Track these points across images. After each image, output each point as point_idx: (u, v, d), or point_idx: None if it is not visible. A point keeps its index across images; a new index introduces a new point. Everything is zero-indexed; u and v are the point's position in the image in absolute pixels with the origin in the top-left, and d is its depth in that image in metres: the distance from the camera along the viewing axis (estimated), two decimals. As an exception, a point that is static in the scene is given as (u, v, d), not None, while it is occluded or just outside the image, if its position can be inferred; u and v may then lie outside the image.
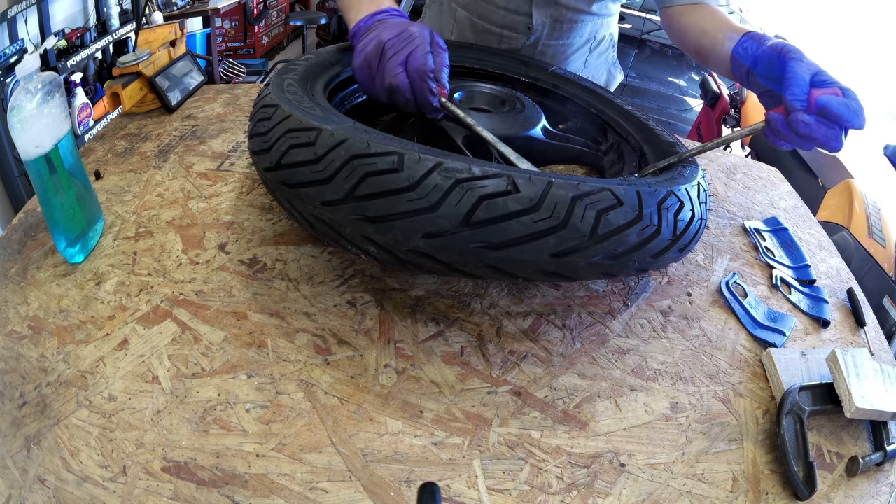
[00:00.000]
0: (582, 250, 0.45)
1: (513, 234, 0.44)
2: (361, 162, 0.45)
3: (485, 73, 0.84)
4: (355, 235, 0.47)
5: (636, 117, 0.76)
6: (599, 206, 0.45)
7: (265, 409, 0.46)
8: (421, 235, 0.45)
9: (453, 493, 0.42)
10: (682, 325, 0.60)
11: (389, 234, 0.45)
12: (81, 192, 0.57)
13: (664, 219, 0.49)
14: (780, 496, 0.45)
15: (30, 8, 1.76)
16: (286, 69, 0.63)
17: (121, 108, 0.81)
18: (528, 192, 0.44)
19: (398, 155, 0.45)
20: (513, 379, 0.51)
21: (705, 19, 0.74)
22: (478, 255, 0.45)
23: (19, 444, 0.42)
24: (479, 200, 0.44)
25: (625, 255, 0.47)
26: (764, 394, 0.54)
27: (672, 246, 0.50)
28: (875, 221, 1.75)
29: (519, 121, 0.66)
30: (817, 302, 0.66)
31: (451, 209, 0.44)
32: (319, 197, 0.47)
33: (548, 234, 0.44)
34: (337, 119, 0.51)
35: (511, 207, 0.44)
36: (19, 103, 0.49)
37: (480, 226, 0.44)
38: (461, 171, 0.44)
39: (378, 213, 0.45)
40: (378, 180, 0.45)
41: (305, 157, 0.48)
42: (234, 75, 3.19)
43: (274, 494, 0.40)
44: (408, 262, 0.47)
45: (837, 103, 0.49)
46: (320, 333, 0.52)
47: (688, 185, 0.54)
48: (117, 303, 0.53)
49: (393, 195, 0.44)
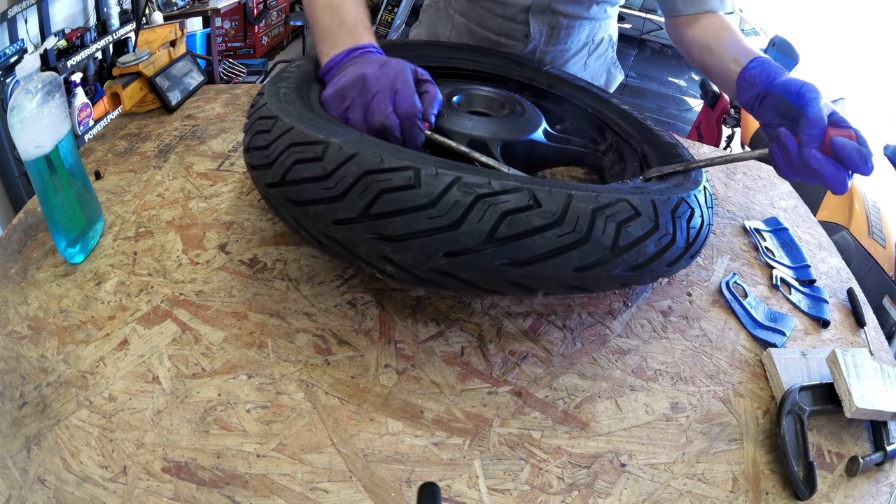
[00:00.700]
0: (604, 263, 0.45)
1: (537, 251, 0.43)
2: (376, 178, 0.43)
3: (479, 73, 0.83)
4: (371, 255, 0.45)
5: (634, 117, 0.76)
6: (619, 218, 0.45)
7: (265, 410, 0.46)
8: (442, 254, 0.43)
9: (454, 494, 0.42)
10: (683, 326, 0.60)
11: (409, 254, 0.44)
12: (81, 192, 0.57)
13: (678, 227, 0.49)
14: (780, 496, 0.45)
15: (30, 8, 1.76)
16: (279, 77, 0.60)
17: (121, 108, 0.81)
18: (550, 207, 0.43)
19: (414, 170, 0.43)
20: (513, 379, 0.51)
21: (710, 35, 0.73)
22: (501, 273, 0.44)
23: (19, 445, 0.42)
24: (501, 216, 0.42)
25: (644, 266, 0.47)
26: (764, 394, 0.54)
27: (685, 253, 0.50)
28: (875, 221, 1.75)
29: (521, 125, 0.65)
30: (817, 302, 0.66)
31: (473, 226, 0.42)
32: (331, 215, 0.45)
33: (571, 248, 0.43)
34: (342, 130, 0.49)
35: (534, 223, 0.43)
36: (19, 103, 0.49)
37: (504, 242, 0.43)
38: (481, 185, 0.43)
39: (396, 232, 0.43)
40: (395, 197, 0.43)
41: (313, 173, 0.45)
42: (234, 75, 3.19)
43: (274, 495, 0.40)
44: (428, 281, 0.46)
45: (851, 147, 0.50)
46: (321, 333, 0.52)
47: (696, 190, 0.54)
48: (117, 303, 0.53)
49: (411, 213, 0.42)
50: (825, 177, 0.51)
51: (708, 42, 0.73)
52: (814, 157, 0.52)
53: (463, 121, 0.62)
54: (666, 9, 0.81)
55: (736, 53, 0.68)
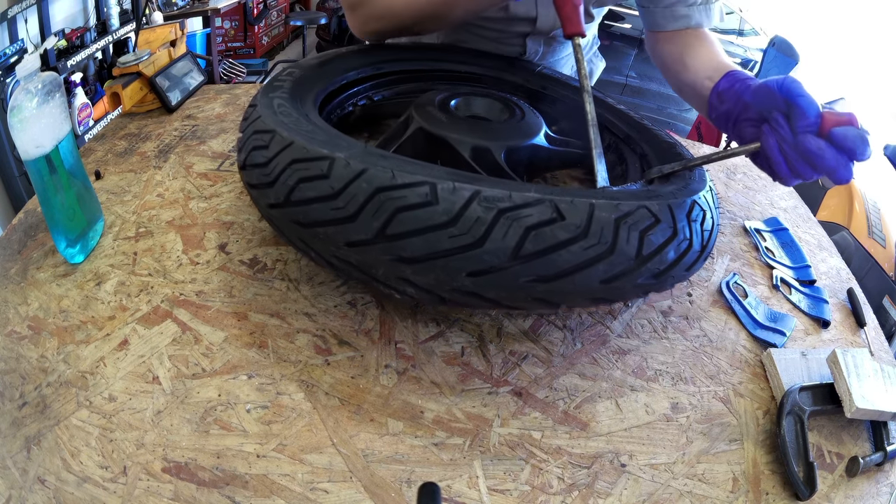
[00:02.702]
0: (629, 273, 0.44)
1: (563, 265, 0.41)
2: (389, 196, 0.41)
3: (471, 76, 0.81)
4: (390, 277, 0.43)
5: (630, 116, 0.75)
6: (640, 227, 0.44)
7: (266, 410, 0.46)
8: (466, 274, 0.41)
9: (454, 494, 0.42)
10: (683, 326, 0.60)
11: (431, 275, 0.41)
12: (81, 192, 0.57)
13: (694, 231, 0.48)
14: (780, 496, 0.45)
15: (30, 8, 1.76)
16: (271, 86, 0.58)
17: (121, 108, 0.81)
18: (574, 219, 0.41)
19: (430, 185, 0.41)
20: (513, 379, 0.51)
21: (686, 51, 0.70)
22: (527, 290, 0.42)
23: (19, 445, 0.42)
24: (526, 231, 0.40)
25: (665, 273, 0.46)
26: (764, 394, 0.54)
27: (700, 256, 0.50)
28: (875, 221, 1.75)
29: (522, 129, 0.64)
30: (817, 302, 0.66)
31: (497, 244, 0.40)
32: (343, 237, 0.42)
33: (597, 261, 0.42)
34: (345, 143, 0.46)
35: (560, 236, 0.41)
36: (19, 103, 0.49)
37: (530, 259, 0.41)
38: (502, 199, 0.40)
39: (416, 254, 0.41)
40: (412, 216, 0.40)
41: (320, 192, 0.43)
42: (234, 75, 3.19)
43: (274, 495, 0.40)
44: (451, 300, 0.44)
45: (853, 135, 0.46)
46: (321, 334, 0.52)
47: (703, 191, 0.53)
48: (117, 303, 0.53)
49: (431, 232, 0.40)
50: (827, 162, 0.46)
51: (684, 59, 0.71)
52: (812, 142, 0.47)
53: (463, 127, 0.61)
54: (648, 24, 0.78)
55: (712, 71, 0.64)
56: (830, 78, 2.49)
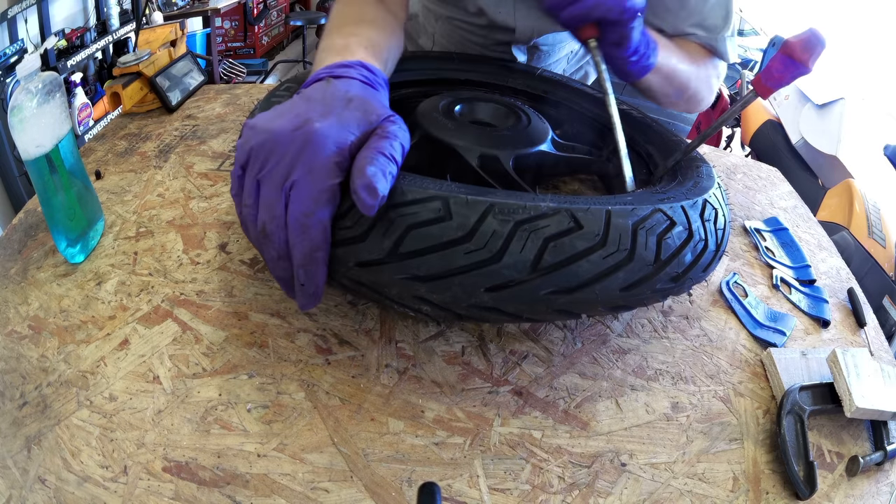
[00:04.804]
0: (648, 279, 0.43)
1: (584, 276, 0.40)
2: (400, 213, 0.39)
3: (472, 82, 0.80)
4: (404, 296, 0.42)
5: (633, 116, 0.75)
6: (657, 231, 0.43)
7: (266, 409, 0.46)
8: (484, 289, 0.40)
9: (455, 493, 0.42)
10: (683, 325, 0.60)
11: (448, 293, 0.40)
12: (82, 192, 0.57)
13: (708, 231, 0.48)
14: (780, 496, 0.45)
15: (30, 8, 1.76)
16: (268, 102, 0.56)
17: (121, 108, 0.81)
18: (591, 227, 0.40)
19: (442, 199, 0.39)
20: (514, 379, 0.51)
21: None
22: (548, 302, 0.41)
23: (20, 444, 0.42)
24: (544, 243, 0.39)
25: (683, 276, 0.46)
26: (764, 394, 0.54)
27: (716, 256, 0.49)
28: (875, 221, 1.75)
29: (529, 135, 0.62)
30: (817, 302, 0.66)
31: (515, 257, 0.39)
32: (353, 258, 0.41)
33: (617, 269, 0.41)
34: None
35: (579, 246, 0.40)
36: (19, 103, 0.49)
37: (550, 271, 0.40)
38: (517, 210, 0.39)
39: (432, 272, 0.39)
40: (425, 233, 0.39)
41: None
42: (234, 75, 3.19)
43: (275, 494, 0.40)
44: (469, 317, 0.43)
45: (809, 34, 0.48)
46: (321, 333, 0.52)
47: (713, 189, 0.53)
48: (118, 303, 0.53)
49: (446, 248, 0.39)
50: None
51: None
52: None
53: (469, 134, 0.60)
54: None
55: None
56: (830, 78, 2.50)
